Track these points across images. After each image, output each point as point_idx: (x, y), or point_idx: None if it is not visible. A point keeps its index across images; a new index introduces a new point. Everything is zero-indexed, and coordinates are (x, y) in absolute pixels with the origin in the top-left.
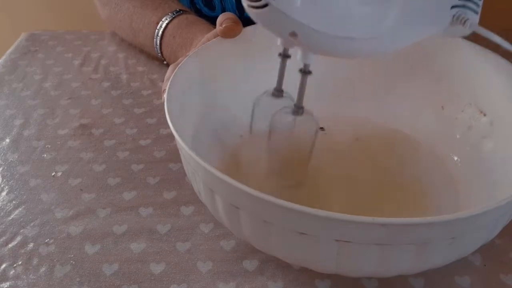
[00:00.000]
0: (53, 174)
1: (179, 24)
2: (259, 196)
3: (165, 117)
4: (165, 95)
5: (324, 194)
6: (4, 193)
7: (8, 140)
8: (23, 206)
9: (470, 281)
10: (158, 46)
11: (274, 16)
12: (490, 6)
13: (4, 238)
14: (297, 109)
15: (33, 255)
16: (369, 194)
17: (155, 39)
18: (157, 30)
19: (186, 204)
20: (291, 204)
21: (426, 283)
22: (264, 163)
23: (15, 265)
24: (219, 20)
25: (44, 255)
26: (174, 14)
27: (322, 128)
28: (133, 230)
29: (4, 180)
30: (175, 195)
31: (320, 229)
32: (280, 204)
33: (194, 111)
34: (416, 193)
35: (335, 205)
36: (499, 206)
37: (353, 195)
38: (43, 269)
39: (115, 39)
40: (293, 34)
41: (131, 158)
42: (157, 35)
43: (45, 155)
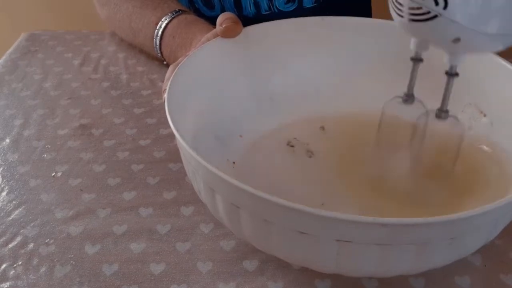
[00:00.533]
0: (53, 174)
1: (179, 24)
2: (260, 195)
3: (165, 117)
4: (165, 95)
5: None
6: (4, 193)
7: (8, 140)
8: (23, 206)
9: (470, 281)
10: (158, 46)
11: (441, 26)
12: None
13: (4, 238)
14: (442, 113)
15: (33, 255)
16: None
17: (155, 39)
18: (157, 30)
19: (186, 204)
20: (292, 204)
21: (427, 283)
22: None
23: (15, 265)
24: (219, 20)
25: (44, 255)
26: (174, 14)
27: (323, 128)
28: (133, 230)
29: (4, 180)
30: (175, 195)
31: (321, 229)
32: (281, 203)
33: (195, 111)
34: (416, 194)
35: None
36: (499, 207)
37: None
38: (43, 269)
39: (115, 39)
40: (457, 40)
41: (131, 158)
42: (157, 35)
43: (45, 155)
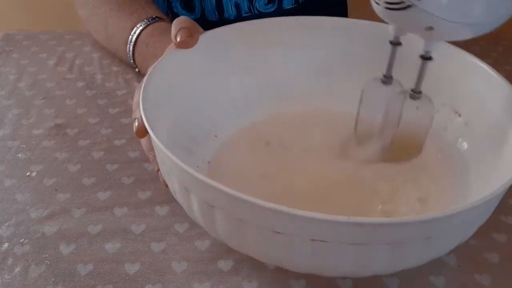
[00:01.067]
0: (28, 174)
1: (153, 32)
2: (234, 195)
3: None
4: (140, 103)
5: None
6: None
7: None
8: None
9: (445, 281)
10: (131, 53)
11: (415, 15)
12: None
13: None
14: (415, 94)
15: (8, 255)
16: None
17: (128, 45)
18: (131, 37)
19: (161, 204)
20: (266, 203)
21: (401, 283)
22: (253, 162)
23: None
24: (174, 32)
25: (19, 255)
26: (149, 21)
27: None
28: (108, 230)
29: None
30: (150, 195)
31: (295, 228)
32: (255, 203)
33: (169, 112)
34: (391, 194)
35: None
36: (474, 207)
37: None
38: (18, 269)
39: (90, 39)
40: (430, 28)
41: (106, 158)
42: (130, 42)
43: (20, 155)
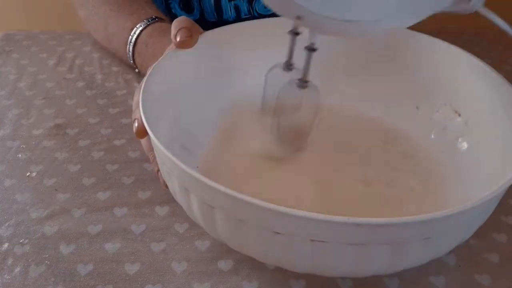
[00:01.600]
0: (28, 174)
1: (152, 33)
2: (235, 195)
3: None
4: (140, 104)
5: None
6: None
7: None
8: None
9: (445, 281)
10: (131, 54)
11: (282, 2)
12: None
13: None
14: (302, 83)
15: (8, 255)
16: (345, 194)
17: (128, 46)
18: (131, 37)
19: (161, 204)
20: (266, 203)
21: (401, 283)
22: (245, 158)
23: None
24: (173, 32)
25: (19, 255)
26: (149, 22)
27: None
28: (108, 230)
29: None
30: (150, 195)
31: (295, 229)
32: (256, 203)
33: (169, 113)
34: (392, 194)
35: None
36: (474, 207)
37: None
38: (18, 269)
39: (90, 39)
40: (299, 18)
41: (106, 158)
42: (130, 42)
43: (20, 155)
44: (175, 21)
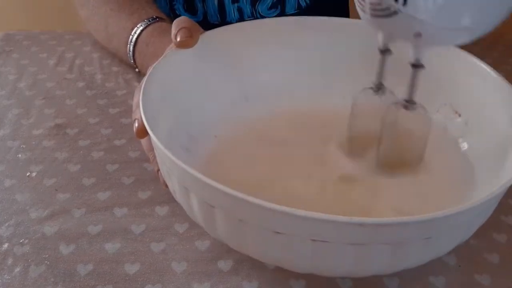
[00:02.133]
0: (28, 174)
1: (153, 32)
2: (234, 195)
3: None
4: (140, 104)
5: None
6: None
7: None
8: None
9: (445, 281)
10: (131, 53)
11: (402, 21)
12: None
13: None
14: (409, 104)
15: (8, 255)
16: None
17: (129, 46)
18: (131, 36)
19: (161, 204)
20: (266, 203)
21: (401, 283)
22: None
23: None
24: (174, 32)
25: (19, 255)
26: (150, 21)
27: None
28: (108, 230)
29: None
30: (150, 195)
31: (296, 229)
32: (256, 203)
33: (169, 113)
34: (391, 194)
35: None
36: (474, 207)
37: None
38: (18, 269)
39: (90, 39)
40: (418, 34)
41: (106, 158)
42: (131, 42)
43: (20, 155)
44: (176, 21)
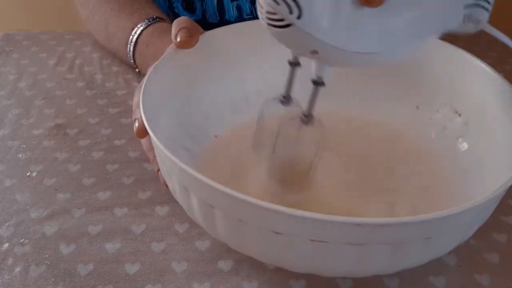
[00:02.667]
0: (28, 174)
1: (153, 33)
2: (234, 195)
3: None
4: (140, 104)
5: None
6: None
7: None
8: None
9: (445, 281)
10: (131, 53)
11: (296, 36)
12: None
13: None
14: (306, 118)
15: (8, 255)
16: (350, 192)
17: (129, 46)
18: (131, 37)
19: (161, 204)
20: (266, 203)
21: (401, 283)
22: (247, 164)
23: None
24: (174, 32)
25: (19, 255)
26: (150, 22)
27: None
28: (108, 230)
29: None
30: (150, 195)
31: (295, 229)
32: (255, 203)
33: (169, 113)
34: (391, 193)
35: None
36: (474, 206)
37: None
38: (18, 269)
39: (90, 39)
40: (314, 52)
41: (106, 158)
42: (131, 42)
43: (20, 155)
44: (176, 21)
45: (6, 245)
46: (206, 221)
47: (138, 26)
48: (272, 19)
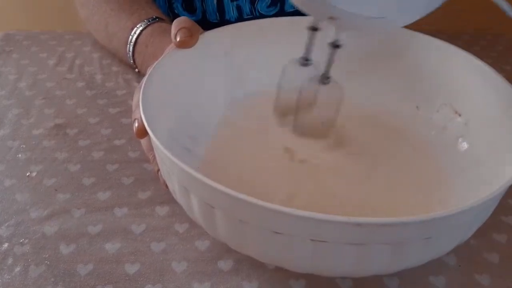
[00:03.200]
0: (28, 174)
1: (152, 33)
2: (235, 195)
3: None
4: (140, 104)
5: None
6: None
7: None
8: None
9: (445, 281)
10: (131, 53)
11: (314, 3)
12: None
13: None
14: (324, 78)
15: (8, 255)
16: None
17: (128, 46)
18: (131, 37)
19: (161, 204)
20: (267, 203)
21: (401, 283)
22: (243, 161)
23: None
24: (173, 32)
25: (19, 255)
26: (149, 22)
27: None
28: (108, 230)
29: None
30: (150, 195)
31: (295, 229)
32: (255, 203)
33: (169, 113)
34: (391, 192)
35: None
36: (474, 206)
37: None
38: (18, 269)
39: (90, 39)
40: (332, 18)
41: (106, 158)
42: (130, 42)
43: (20, 155)
44: (175, 21)
45: (6, 245)
46: (206, 221)
47: (138, 26)
48: None
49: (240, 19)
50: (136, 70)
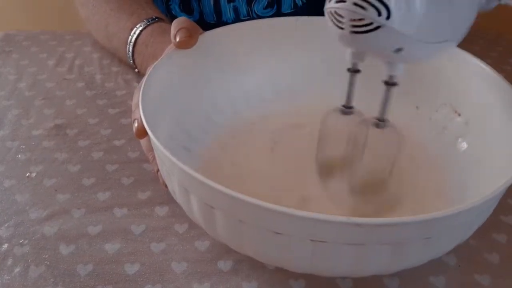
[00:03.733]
0: (28, 175)
1: (152, 33)
2: (234, 196)
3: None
4: (140, 104)
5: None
6: None
7: None
8: None
9: (445, 281)
10: (131, 53)
11: (383, 37)
12: None
13: None
14: (380, 122)
15: (8, 256)
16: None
17: (128, 46)
18: (131, 37)
19: (161, 205)
20: (266, 204)
21: (401, 283)
22: (243, 165)
23: None
24: (173, 32)
25: (19, 256)
26: (149, 22)
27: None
28: (108, 231)
29: None
30: (150, 196)
31: (295, 229)
32: (255, 204)
33: (169, 113)
34: (390, 192)
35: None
36: (474, 207)
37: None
38: (18, 270)
39: (90, 39)
40: (399, 50)
41: (106, 159)
42: (130, 42)
43: (20, 156)
44: (175, 22)
45: (6, 246)
46: (206, 222)
47: (137, 27)
48: (358, 26)
49: (237, 21)
50: (136, 70)
